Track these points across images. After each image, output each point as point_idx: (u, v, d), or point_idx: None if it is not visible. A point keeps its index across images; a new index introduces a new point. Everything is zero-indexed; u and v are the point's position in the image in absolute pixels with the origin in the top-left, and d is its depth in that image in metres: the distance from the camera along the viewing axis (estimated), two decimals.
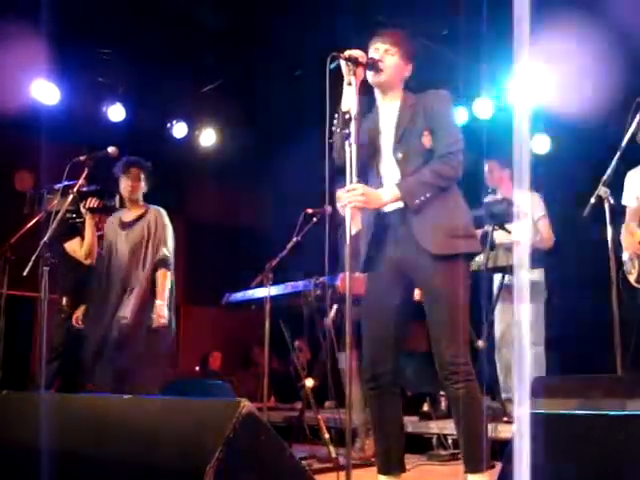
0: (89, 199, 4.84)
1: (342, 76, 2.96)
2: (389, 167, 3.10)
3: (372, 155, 3.12)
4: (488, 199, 5.42)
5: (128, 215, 4.85)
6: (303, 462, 3.73)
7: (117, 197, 4.92)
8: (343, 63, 2.90)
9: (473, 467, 2.89)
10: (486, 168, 5.60)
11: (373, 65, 3.05)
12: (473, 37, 6.29)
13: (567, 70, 6.33)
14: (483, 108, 7.27)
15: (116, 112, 7.44)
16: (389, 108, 3.17)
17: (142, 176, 4.82)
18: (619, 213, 4.34)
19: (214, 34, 6.64)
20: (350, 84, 2.91)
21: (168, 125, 8.05)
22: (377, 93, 3.21)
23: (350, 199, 2.86)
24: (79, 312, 5.08)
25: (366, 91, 3.15)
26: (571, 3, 5.47)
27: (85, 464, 2.16)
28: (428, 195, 2.94)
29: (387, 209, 3.05)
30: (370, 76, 3.09)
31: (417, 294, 3.20)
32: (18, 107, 6.39)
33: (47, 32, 5.60)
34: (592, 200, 3.67)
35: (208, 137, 8.27)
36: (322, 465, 4.28)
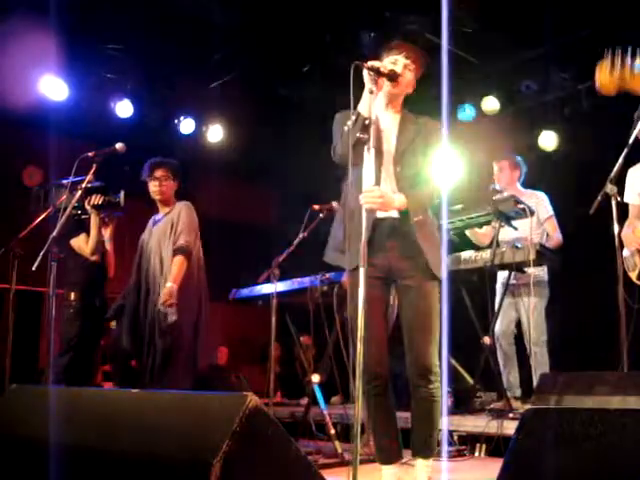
0: (93, 196, 4.82)
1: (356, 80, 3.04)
2: (384, 175, 3.20)
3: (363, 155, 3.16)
4: (496, 197, 5.42)
5: (160, 214, 4.82)
6: (309, 457, 3.75)
7: (122, 193, 4.90)
8: (365, 72, 3.01)
9: (426, 453, 3.23)
10: (496, 168, 5.56)
11: (394, 77, 3.16)
12: (480, 34, 6.31)
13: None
14: (490, 105, 7.24)
15: (124, 108, 7.47)
16: (389, 118, 3.31)
17: (169, 175, 4.76)
18: (626, 210, 4.35)
19: (222, 31, 6.65)
20: (372, 92, 3.00)
21: (176, 121, 8.07)
22: (380, 100, 3.31)
23: (368, 200, 2.96)
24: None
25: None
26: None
27: (93, 458, 2.18)
28: (422, 217, 3.16)
29: (380, 215, 3.16)
30: (386, 85, 3.21)
31: None
32: (27, 103, 6.42)
33: (56, 28, 5.64)
34: (599, 197, 3.66)
35: (215, 133, 8.28)
36: (328, 460, 4.30)
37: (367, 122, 2.96)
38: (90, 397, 2.62)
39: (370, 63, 3.03)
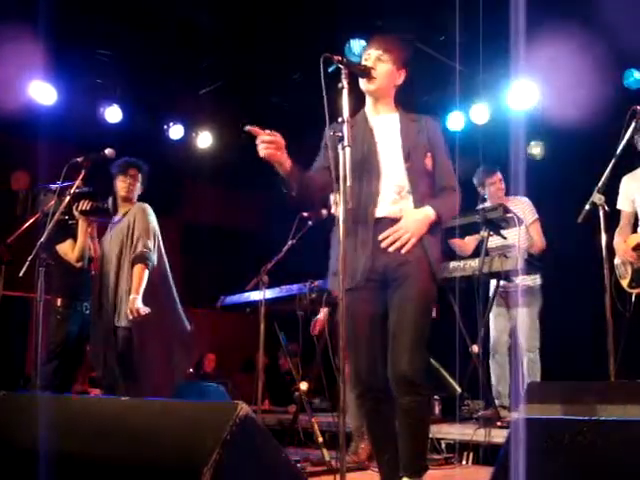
0: (81, 201, 4.79)
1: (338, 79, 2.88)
2: (390, 178, 3.04)
3: (360, 162, 3.02)
4: (483, 205, 5.45)
5: (118, 215, 4.79)
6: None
7: (110, 199, 4.88)
8: (335, 67, 2.85)
9: (412, 472, 2.90)
10: (496, 178, 5.56)
11: (365, 71, 3.03)
12: (470, 43, 6.33)
13: (563, 77, 6.37)
14: (479, 114, 7.26)
15: (113, 113, 7.45)
16: (385, 119, 3.14)
17: (139, 177, 4.80)
18: (613, 220, 4.37)
19: (212, 37, 6.65)
20: (343, 87, 2.83)
21: (165, 127, 8.06)
22: (369, 102, 3.18)
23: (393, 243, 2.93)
24: None
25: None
26: (567, 11, 5.52)
27: (82, 466, 2.16)
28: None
29: (380, 214, 3.01)
30: (363, 84, 3.08)
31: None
32: (16, 107, 6.40)
33: (45, 33, 5.61)
34: (586, 207, 3.69)
35: (205, 139, 8.28)
36: (316, 468, 4.29)
37: (340, 120, 2.78)
38: (79, 404, 2.61)
39: (340, 57, 2.83)
